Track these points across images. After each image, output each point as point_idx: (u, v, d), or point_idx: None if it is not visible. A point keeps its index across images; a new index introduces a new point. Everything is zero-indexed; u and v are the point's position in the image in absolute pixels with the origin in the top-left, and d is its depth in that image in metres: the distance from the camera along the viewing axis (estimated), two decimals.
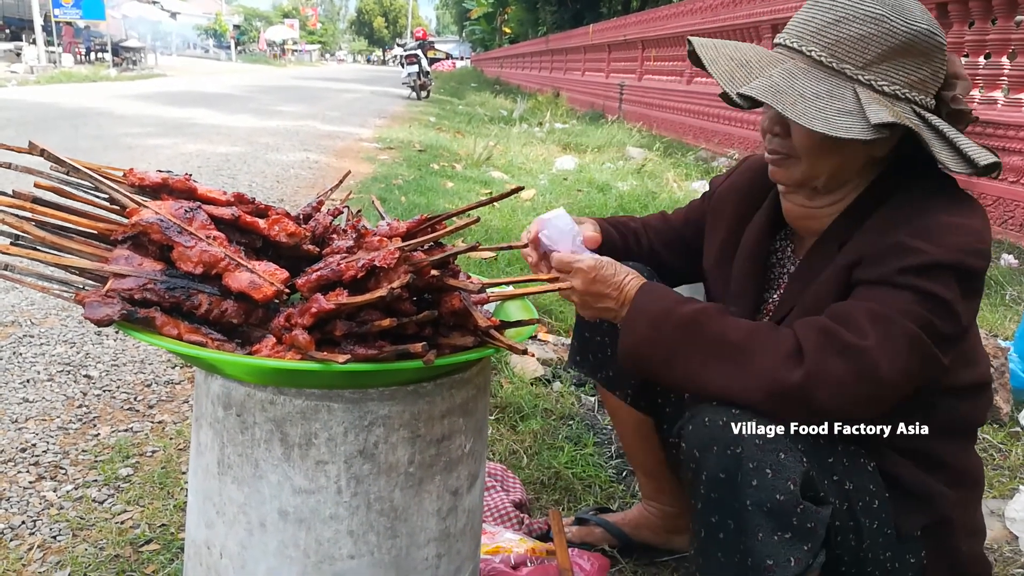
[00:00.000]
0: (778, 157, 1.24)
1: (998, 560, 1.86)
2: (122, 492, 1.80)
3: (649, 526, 1.75)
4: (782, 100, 1.10)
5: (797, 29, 1.19)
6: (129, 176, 1.05)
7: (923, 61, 1.15)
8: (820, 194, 1.26)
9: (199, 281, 0.99)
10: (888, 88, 1.14)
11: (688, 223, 1.59)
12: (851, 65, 1.14)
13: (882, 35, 1.13)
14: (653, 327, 1.17)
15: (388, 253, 0.93)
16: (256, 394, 0.99)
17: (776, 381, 1.06)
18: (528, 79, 23.67)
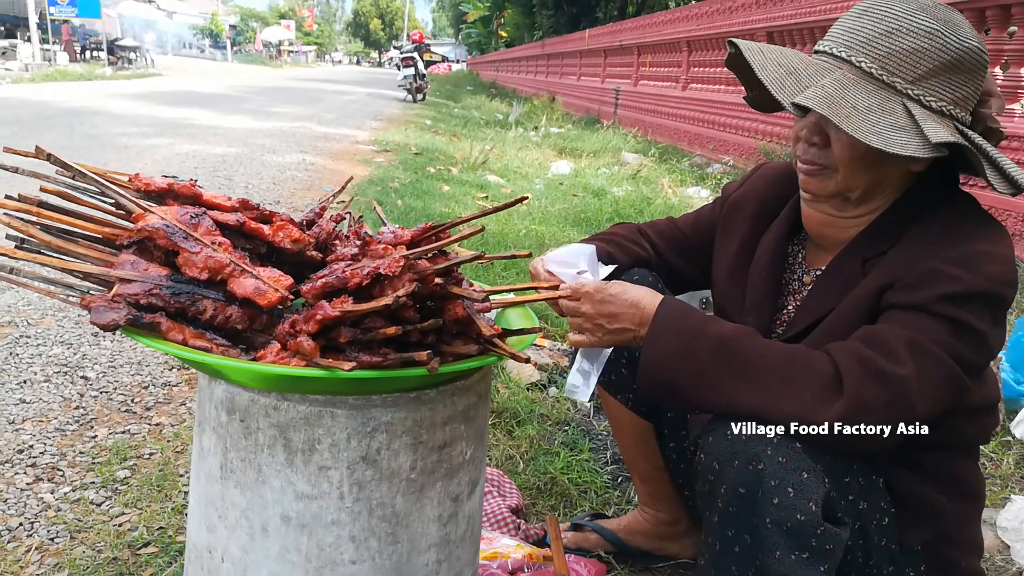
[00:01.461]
0: (815, 168, 1.21)
1: (990, 569, 1.87)
2: (120, 494, 1.80)
3: (644, 532, 1.76)
4: (837, 112, 1.08)
5: (844, 38, 1.16)
6: (135, 181, 1.06)
7: (969, 78, 1.15)
8: (851, 205, 1.24)
9: (204, 287, 1.00)
10: (935, 104, 1.13)
11: (698, 230, 1.57)
12: (901, 79, 1.13)
13: (935, 50, 1.11)
14: (683, 345, 1.14)
15: (393, 261, 0.94)
16: (260, 399, 1.00)
17: (815, 413, 1.05)
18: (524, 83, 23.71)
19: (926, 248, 1.14)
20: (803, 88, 1.13)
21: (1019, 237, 4.75)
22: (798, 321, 1.27)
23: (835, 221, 1.27)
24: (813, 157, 1.21)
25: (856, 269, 1.23)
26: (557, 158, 8.80)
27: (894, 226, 1.21)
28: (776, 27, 8.22)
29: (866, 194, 1.22)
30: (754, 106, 1.38)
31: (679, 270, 1.59)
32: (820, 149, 1.20)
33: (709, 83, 10.02)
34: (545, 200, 5.87)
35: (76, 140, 7.56)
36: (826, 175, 1.21)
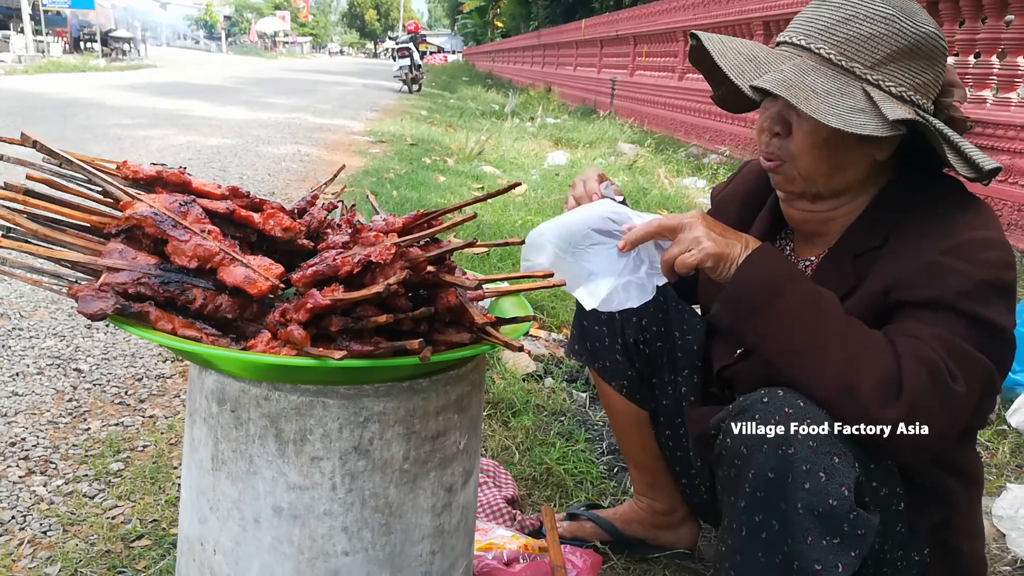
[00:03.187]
0: (776, 163, 1.22)
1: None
2: (113, 487, 1.79)
3: (640, 521, 1.75)
4: (796, 94, 1.09)
5: (804, 27, 1.18)
6: (123, 169, 1.04)
7: (927, 64, 1.16)
8: (823, 199, 1.25)
9: (194, 275, 0.99)
10: (895, 89, 1.14)
11: None
12: (860, 64, 1.14)
13: (891, 35, 1.13)
14: (780, 277, 1.12)
15: (384, 249, 0.93)
16: (251, 390, 0.99)
17: (867, 413, 1.03)
18: (520, 74, 23.64)
19: (918, 244, 1.14)
20: (762, 74, 1.15)
21: (1015, 227, 4.75)
22: None
23: (813, 216, 1.28)
24: (774, 149, 1.21)
25: (848, 267, 1.22)
26: (553, 149, 8.78)
27: (881, 220, 1.21)
28: (772, 16, 8.20)
29: (832, 183, 1.22)
30: (722, 106, 1.39)
31: None
32: (781, 139, 1.20)
33: None
34: (541, 191, 5.85)
35: (70, 131, 7.51)
36: (787, 168, 1.22)
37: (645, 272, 1.21)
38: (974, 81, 5.28)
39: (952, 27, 5.48)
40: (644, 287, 1.21)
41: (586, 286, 1.20)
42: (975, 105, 5.16)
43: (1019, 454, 2.34)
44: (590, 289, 1.20)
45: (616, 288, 1.20)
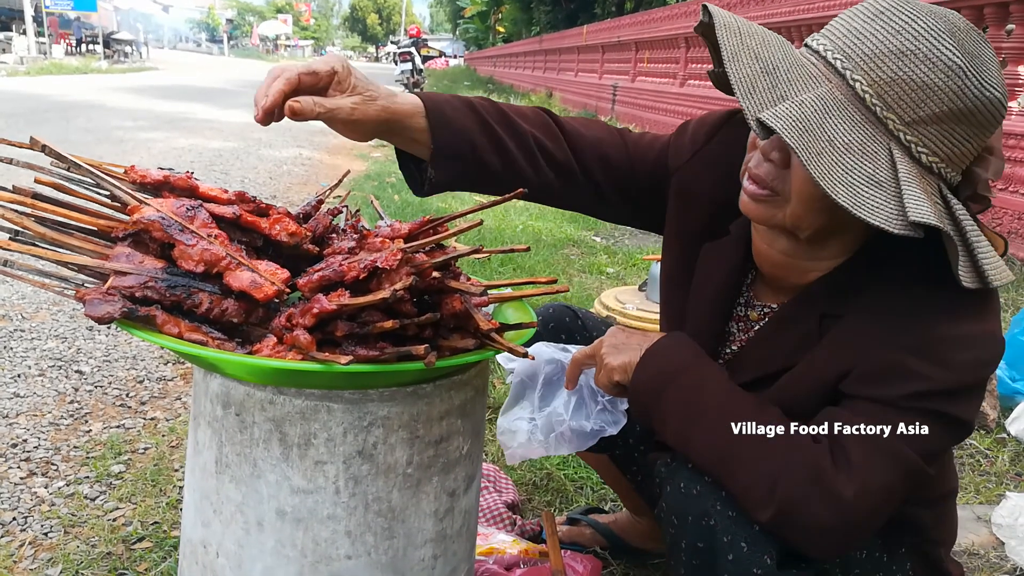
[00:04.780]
0: (763, 193, 1.02)
1: (984, 566, 1.88)
2: (114, 489, 1.79)
3: (638, 532, 1.75)
4: (809, 145, 0.88)
5: (845, 42, 0.95)
6: (130, 173, 1.05)
7: (975, 133, 0.95)
8: (804, 246, 1.08)
9: (200, 280, 0.99)
10: (926, 157, 0.94)
11: (646, 164, 1.30)
12: (897, 117, 0.92)
13: (949, 91, 0.91)
14: (667, 375, 1.10)
15: (390, 254, 0.93)
16: (256, 394, 0.99)
17: (749, 508, 1.01)
18: (521, 79, 23.68)
19: (885, 328, 1.00)
20: (777, 97, 0.93)
21: (1015, 235, 4.76)
22: (744, 366, 1.16)
23: (790, 264, 1.12)
24: (766, 176, 1.01)
25: (813, 326, 1.09)
26: None
27: (857, 280, 1.07)
28: (774, 23, 8.22)
29: (819, 236, 1.04)
30: (719, 86, 1.14)
31: (610, 201, 1.32)
32: (777, 168, 1.00)
33: (707, 79, 10.00)
34: None
35: (72, 133, 7.53)
36: (774, 204, 1.02)
37: (608, 399, 1.29)
38: None
39: (998, 32, 5.44)
40: (613, 412, 1.28)
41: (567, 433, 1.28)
42: None
43: (1018, 462, 2.35)
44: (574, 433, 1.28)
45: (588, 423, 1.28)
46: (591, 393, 1.28)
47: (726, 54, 0.95)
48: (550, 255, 4.38)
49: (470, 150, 1.20)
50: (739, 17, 1.02)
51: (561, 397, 1.31)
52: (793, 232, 1.04)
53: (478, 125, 1.20)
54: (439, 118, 1.17)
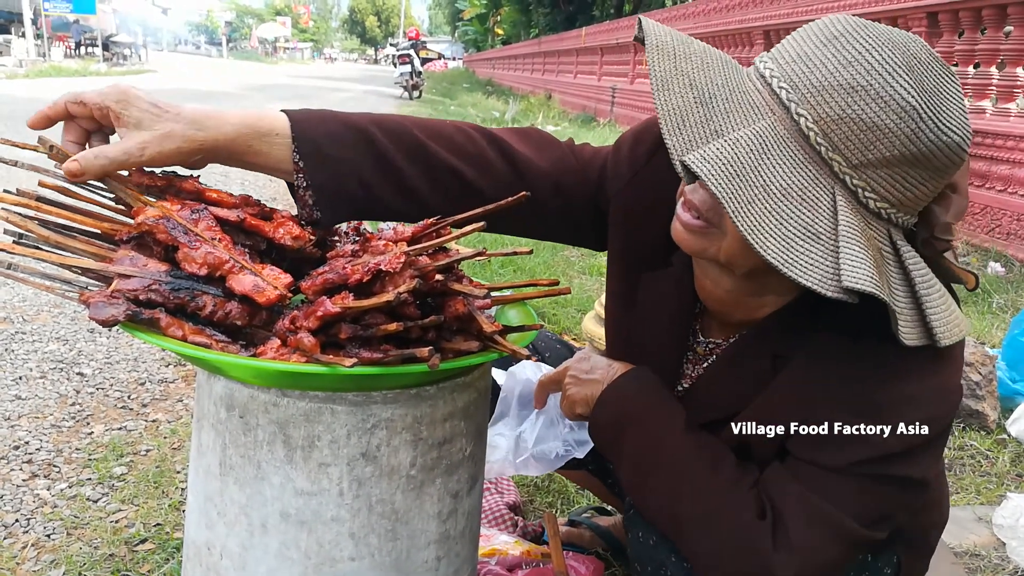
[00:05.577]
0: (697, 224, 0.93)
1: (986, 567, 1.88)
2: (116, 491, 1.80)
3: None
4: (738, 193, 0.79)
5: (793, 69, 0.85)
6: (135, 176, 1.05)
7: (930, 177, 0.86)
8: (750, 283, 0.99)
9: (204, 283, 1.00)
10: (874, 203, 0.85)
11: (586, 180, 1.18)
12: (843, 160, 0.83)
13: (901, 135, 0.81)
14: (622, 417, 1.10)
15: (394, 257, 0.94)
16: (259, 396, 0.99)
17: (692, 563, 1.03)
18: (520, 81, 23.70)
19: (832, 385, 0.95)
20: (711, 132, 0.84)
21: (1015, 237, 4.76)
22: (697, 407, 1.10)
23: (737, 301, 1.05)
24: (701, 204, 0.91)
25: (766, 366, 1.03)
26: None
27: (807, 319, 0.99)
28: (773, 25, 8.23)
29: (758, 274, 0.95)
30: None
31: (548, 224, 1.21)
32: (714, 199, 0.85)
33: None
34: None
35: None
36: (709, 236, 0.93)
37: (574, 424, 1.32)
38: (973, 92, 5.30)
39: (952, 38, 5.51)
40: (580, 432, 1.32)
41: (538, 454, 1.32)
42: (974, 115, 5.18)
43: (1019, 463, 2.35)
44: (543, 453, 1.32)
45: (555, 445, 1.32)
46: (560, 414, 1.29)
47: (655, 81, 0.86)
48: (550, 257, 4.38)
49: (359, 190, 1.07)
50: (679, 34, 0.92)
51: (531, 418, 1.33)
52: (728, 267, 0.96)
53: (370, 159, 1.06)
54: (313, 153, 1.03)
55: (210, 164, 1.06)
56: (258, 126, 1.02)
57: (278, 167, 1.04)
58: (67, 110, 0.97)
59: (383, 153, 1.06)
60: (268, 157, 1.03)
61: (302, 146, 1.02)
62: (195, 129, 0.97)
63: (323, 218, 1.08)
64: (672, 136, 0.83)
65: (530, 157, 1.14)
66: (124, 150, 0.95)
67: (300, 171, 1.04)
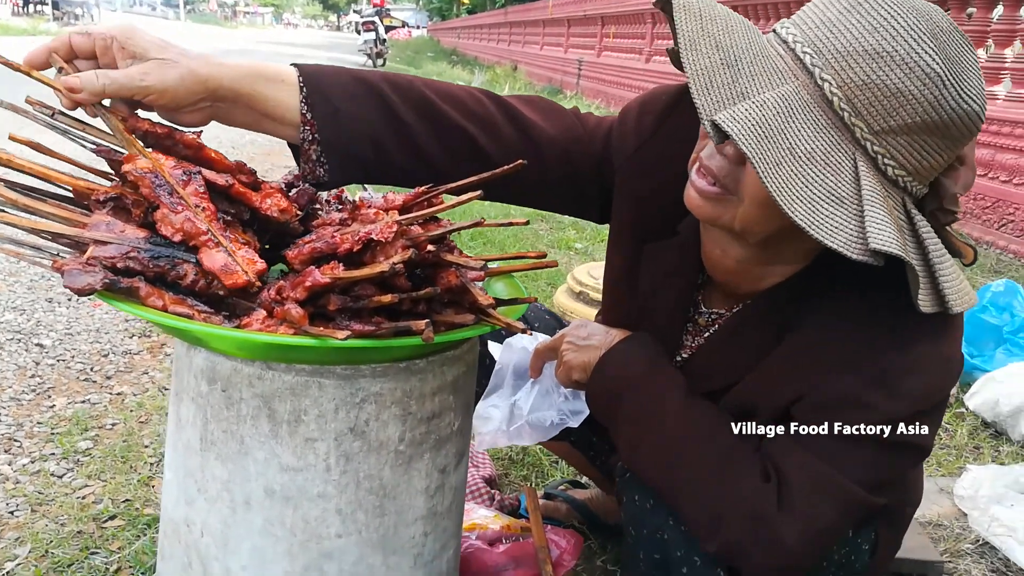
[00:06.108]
0: (714, 191, 0.93)
1: (948, 536, 1.93)
2: (82, 466, 1.74)
3: (612, 510, 1.75)
4: (767, 154, 0.79)
5: (816, 34, 0.85)
6: (131, 121, 0.99)
7: (948, 145, 0.87)
8: (760, 251, 1.00)
9: (185, 250, 0.95)
10: (892, 170, 0.87)
11: (591, 148, 1.16)
12: (865, 125, 0.84)
13: (924, 101, 0.82)
14: (620, 382, 1.09)
15: (385, 226, 0.90)
16: (243, 369, 0.96)
17: (700, 536, 1.01)
18: (485, 51, 23.44)
19: (840, 353, 0.96)
20: (737, 94, 0.83)
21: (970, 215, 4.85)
22: (697, 375, 1.10)
23: (745, 271, 1.05)
24: (718, 171, 0.92)
25: (770, 336, 1.04)
26: None
27: (816, 289, 1.01)
28: (741, 2, 8.23)
29: (771, 242, 0.97)
30: (677, 65, 0.98)
31: (553, 193, 1.19)
32: (731, 164, 0.91)
33: None
34: None
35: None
36: (724, 203, 0.93)
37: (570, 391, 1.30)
38: (986, 76, 5.06)
39: (959, 16, 5.26)
40: (575, 403, 1.29)
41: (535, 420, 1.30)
42: None
43: (976, 436, 2.41)
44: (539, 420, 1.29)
45: (550, 414, 1.29)
46: (556, 383, 1.28)
47: (683, 41, 0.85)
48: (518, 230, 4.35)
49: (368, 146, 1.04)
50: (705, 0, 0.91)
51: (526, 387, 1.31)
52: (744, 236, 0.96)
53: (381, 114, 1.03)
54: (323, 105, 1.00)
55: (210, 124, 1.01)
56: (264, 71, 1.00)
57: (284, 117, 1.01)
58: (71, 44, 0.93)
59: (393, 108, 1.03)
60: (275, 104, 0.99)
61: (311, 96, 1.00)
62: (200, 63, 0.94)
63: (330, 175, 1.04)
64: (701, 96, 0.83)
65: (539, 123, 1.12)
66: (126, 73, 0.92)
67: (307, 123, 1.01)
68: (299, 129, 1.01)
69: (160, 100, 0.95)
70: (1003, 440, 2.38)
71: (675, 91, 1.14)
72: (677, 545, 1.04)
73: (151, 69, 0.92)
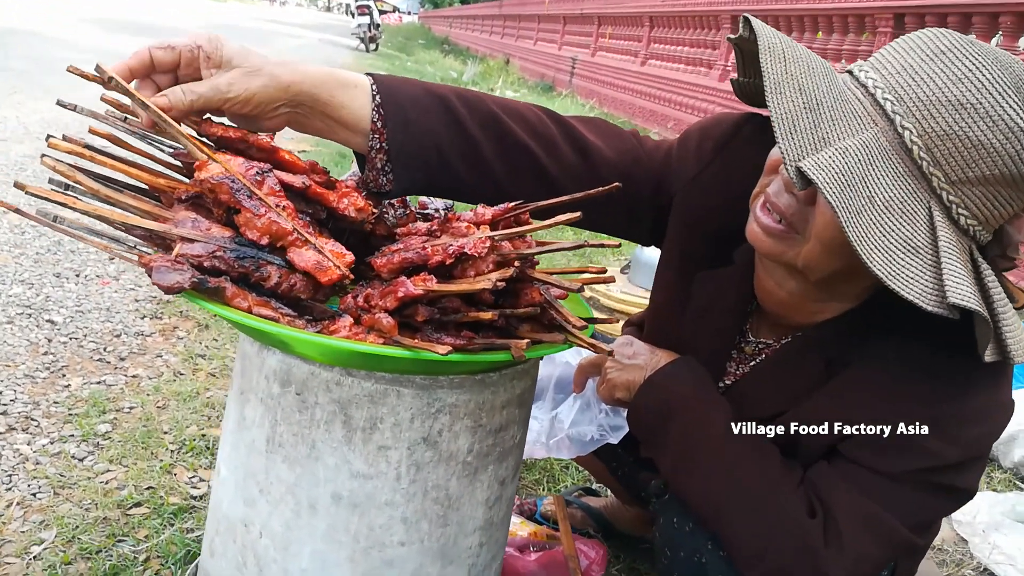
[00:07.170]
0: (779, 228, 0.94)
1: (949, 562, 1.97)
2: (102, 450, 1.72)
3: (628, 519, 1.77)
4: (849, 203, 0.80)
5: (898, 81, 0.86)
6: (206, 126, 0.98)
7: (1019, 196, 0.87)
8: (815, 287, 1.00)
9: (269, 252, 0.94)
10: (965, 220, 0.87)
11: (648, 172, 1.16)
12: (943, 175, 0.85)
13: (1004, 156, 0.83)
14: (665, 408, 1.09)
15: (479, 241, 0.90)
16: (321, 374, 0.95)
17: (739, 562, 1.01)
18: (478, 42, 23.35)
19: (895, 394, 0.96)
20: (819, 139, 0.83)
21: None
22: (740, 403, 1.10)
23: (797, 305, 1.05)
24: (785, 208, 0.92)
25: (819, 370, 1.04)
26: None
27: (868, 327, 1.01)
28: (742, 9, 8.27)
29: (830, 280, 0.97)
30: (742, 96, 1.09)
31: (607, 216, 1.18)
32: (800, 204, 0.91)
33: (669, 60, 10.05)
34: None
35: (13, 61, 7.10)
36: (789, 241, 0.94)
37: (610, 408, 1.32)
38: None
39: None
40: (615, 418, 1.31)
41: None
42: None
43: None
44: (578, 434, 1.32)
45: (590, 430, 1.31)
46: (597, 399, 1.29)
47: (769, 83, 0.85)
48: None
49: (435, 156, 1.03)
50: (781, 35, 0.92)
51: (568, 401, 1.32)
52: (802, 272, 0.96)
53: (448, 126, 1.03)
54: (395, 115, 0.99)
55: (285, 130, 1.00)
56: (340, 76, 0.99)
57: (356, 125, 1.00)
58: (151, 57, 0.93)
59: (462, 122, 1.04)
60: (349, 111, 0.99)
61: (385, 105, 1.00)
62: (283, 70, 0.95)
63: (394, 184, 1.04)
64: (785, 140, 0.83)
65: (599, 145, 1.12)
66: (212, 85, 0.92)
67: (376, 131, 1.01)
68: (368, 137, 1.01)
69: (244, 109, 0.95)
70: (994, 467, 2.42)
71: (737, 118, 1.15)
72: (715, 569, 1.05)
73: (236, 79, 0.93)
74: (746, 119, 1.13)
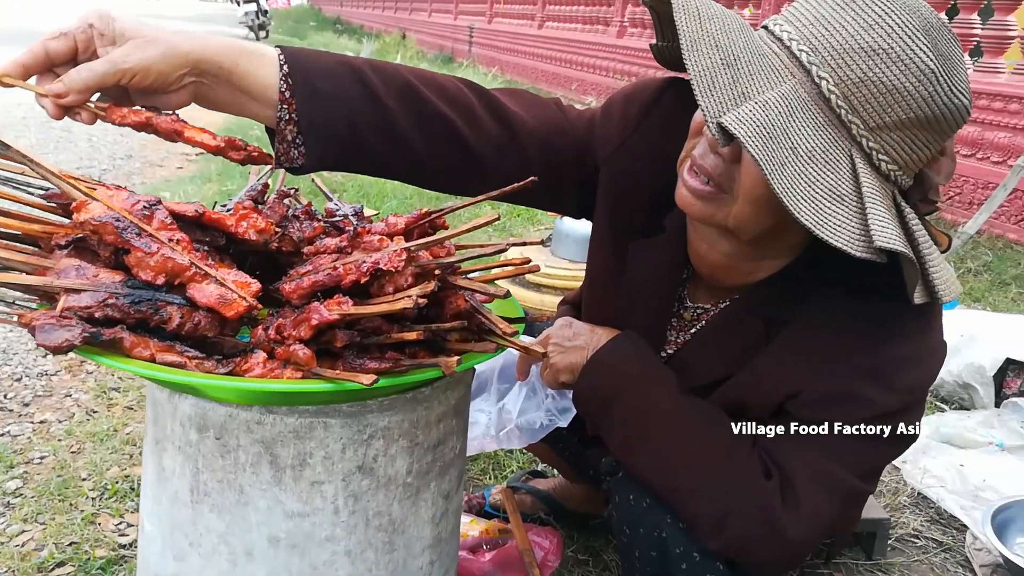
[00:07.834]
0: (706, 190, 0.93)
1: (887, 491, 2.03)
2: (13, 509, 1.59)
3: (577, 497, 1.76)
4: (772, 156, 0.80)
5: (812, 32, 0.86)
6: (113, 112, 0.90)
7: (935, 139, 0.89)
8: (749, 247, 1.00)
9: (165, 291, 0.87)
10: (885, 165, 0.88)
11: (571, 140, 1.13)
12: (861, 122, 0.86)
13: (919, 97, 0.84)
14: (613, 386, 1.08)
15: (394, 255, 0.85)
16: (240, 414, 0.89)
17: (700, 534, 1.01)
18: (372, 19, 22.79)
19: (834, 348, 0.98)
20: (738, 94, 0.83)
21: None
22: (684, 371, 1.09)
23: (732, 266, 1.05)
24: (711, 169, 0.92)
25: (759, 331, 1.04)
26: None
27: (804, 284, 1.02)
28: None
29: (762, 238, 0.97)
30: (662, 61, 1.07)
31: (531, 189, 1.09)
32: (726, 163, 0.91)
33: (566, 21, 10.03)
34: None
35: None
36: (718, 201, 0.94)
37: None
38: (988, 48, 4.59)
39: None
40: (562, 401, 1.28)
41: None
42: (989, 75, 4.48)
43: None
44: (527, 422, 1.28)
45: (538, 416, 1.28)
46: (542, 384, 1.26)
47: (685, 42, 0.85)
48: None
49: (347, 129, 0.98)
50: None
51: (514, 390, 1.29)
52: (734, 233, 0.96)
53: (361, 97, 0.98)
54: (303, 84, 0.95)
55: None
56: (244, 45, 0.95)
57: (263, 95, 0.95)
58: (45, 50, 0.87)
59: (374, 91, 0.99)
60: (255, 80, 0.94)
61: (292, 74, 0.95)
62: (180, 38, 0.90)
63: (306, 157, 0.98)
64: (705, 97, 0.82)
65: (520, 114, 1.09)
66: (108, 59, 0.87)
67: (285, 101, 0.95)
68: (277, 107, 0.96)
69: (145, 81, 0.88)
70: None
71: (660, 83, 1.13)
72: (676, 542, 1.04)
73: (132, 50, 0.87)
74: (669, 83, 1.12)
